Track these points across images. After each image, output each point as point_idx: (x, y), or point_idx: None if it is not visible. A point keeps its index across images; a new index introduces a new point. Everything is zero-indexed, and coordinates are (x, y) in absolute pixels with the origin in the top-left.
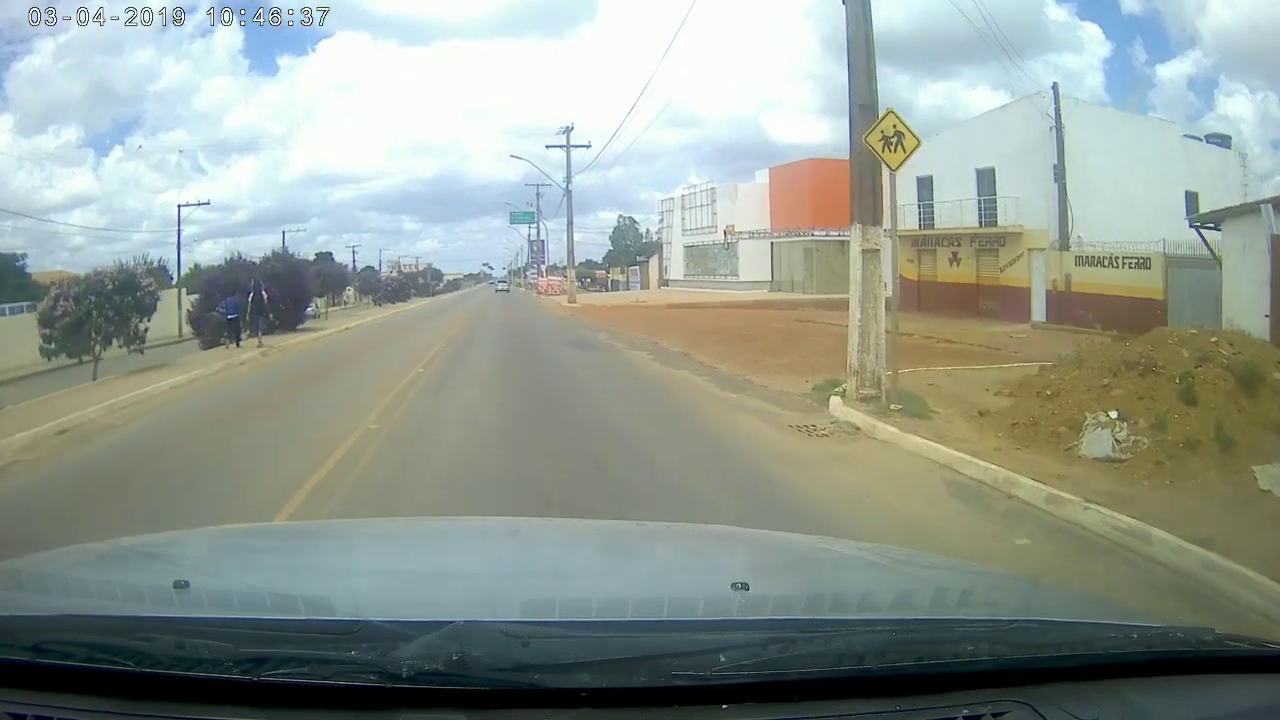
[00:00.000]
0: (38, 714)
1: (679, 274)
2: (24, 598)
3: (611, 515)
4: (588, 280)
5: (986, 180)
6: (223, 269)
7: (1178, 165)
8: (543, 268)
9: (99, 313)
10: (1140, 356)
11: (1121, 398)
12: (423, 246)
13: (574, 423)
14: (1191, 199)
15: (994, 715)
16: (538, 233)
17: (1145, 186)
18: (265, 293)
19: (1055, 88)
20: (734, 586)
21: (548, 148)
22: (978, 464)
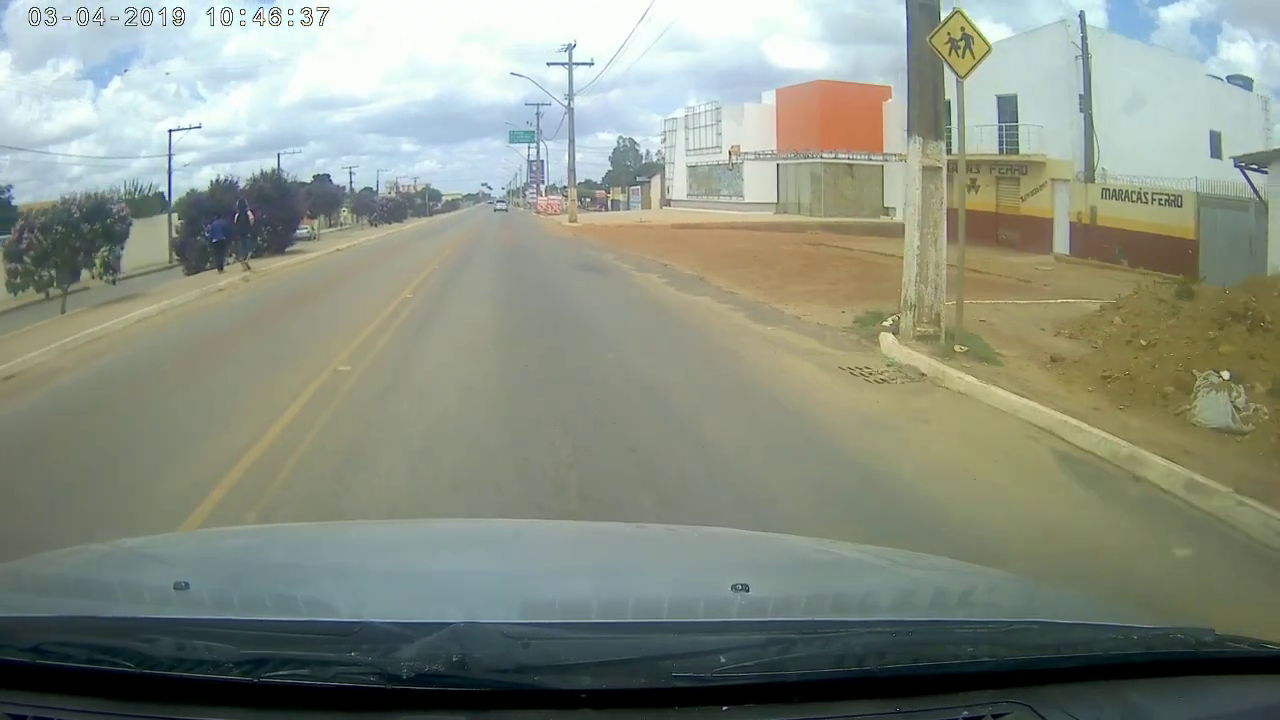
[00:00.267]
0: (37, 715)
1: (681, 194)
2: (24, 598)
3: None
4: (587, 200)
5: (1008, 107)
6: (209, 192)
7: (1202, 104)
8: (542, 187)
9: (66, 244)
10: (1245, 308)
11: (1231, 355)
12: (421, 168)
13: (590, 376)
14: (1216, 139)
15: (994, 716)
16: (537, 152)
17: (1169, 124)
18: (251, 214)
19: (1082, 16)
20: (734, 588)
21: (549, 65)
22: (1086, 430)
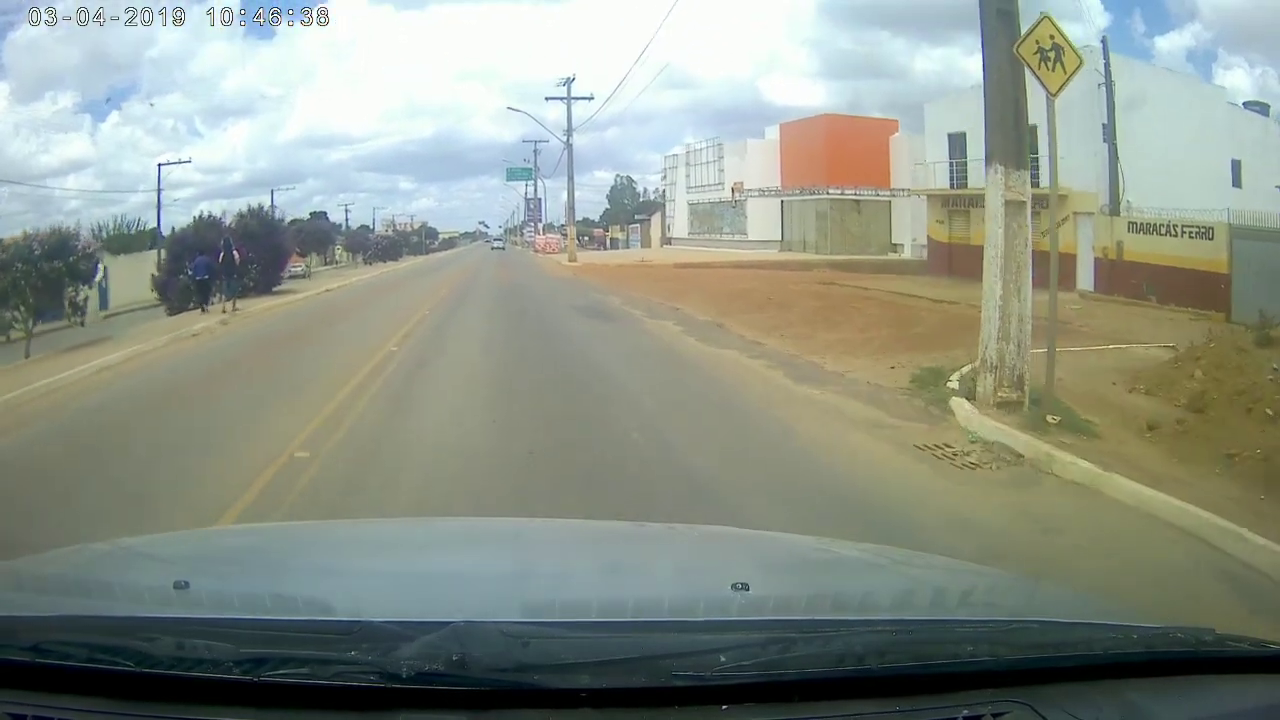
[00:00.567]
0: (38, 714)
1: (682, 232)
2: (24, 598)
3: None
4: (586, 239)
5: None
6: (193, 228)
7: (1223, 132)
8: (540, 226)
9: (27, 282)
10: None
11: None
12: (419, 205)
13: (618, 467)
14: (1236, 167)
15: (994, 715)
16: (535, 190)
17: (1192, 152)
18: (236, 252)
19: (1105, 42)
20: (734, 587)
21: (548, 100)
22: (1245, 537)
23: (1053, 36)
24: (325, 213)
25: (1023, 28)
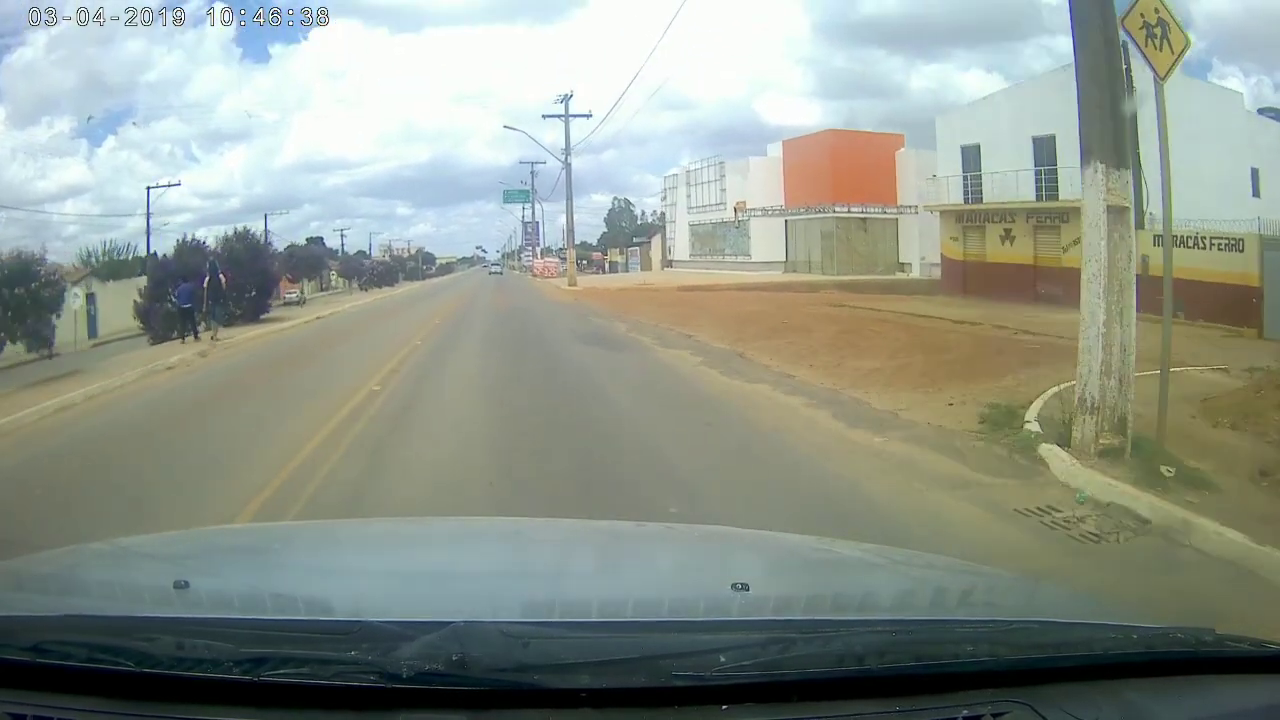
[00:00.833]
0: (37, 714)
1: (684, 254)
2: (24, 598)
3: None
4: (584, 262)
5: (1045, 149)
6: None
7: (1241, 139)
8: (538, 249)
9: None
10: None
11: None
12: (416, 231)
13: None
14: (1255, 176)
15: (994, 715)
16: (532, 213)
17: (1211, 161)
18: (223, 277)
19: (1125, 47)
20: (734, 587)
21: (545, 118)
22: None
23: (1158, 10)
24: (322, 238)
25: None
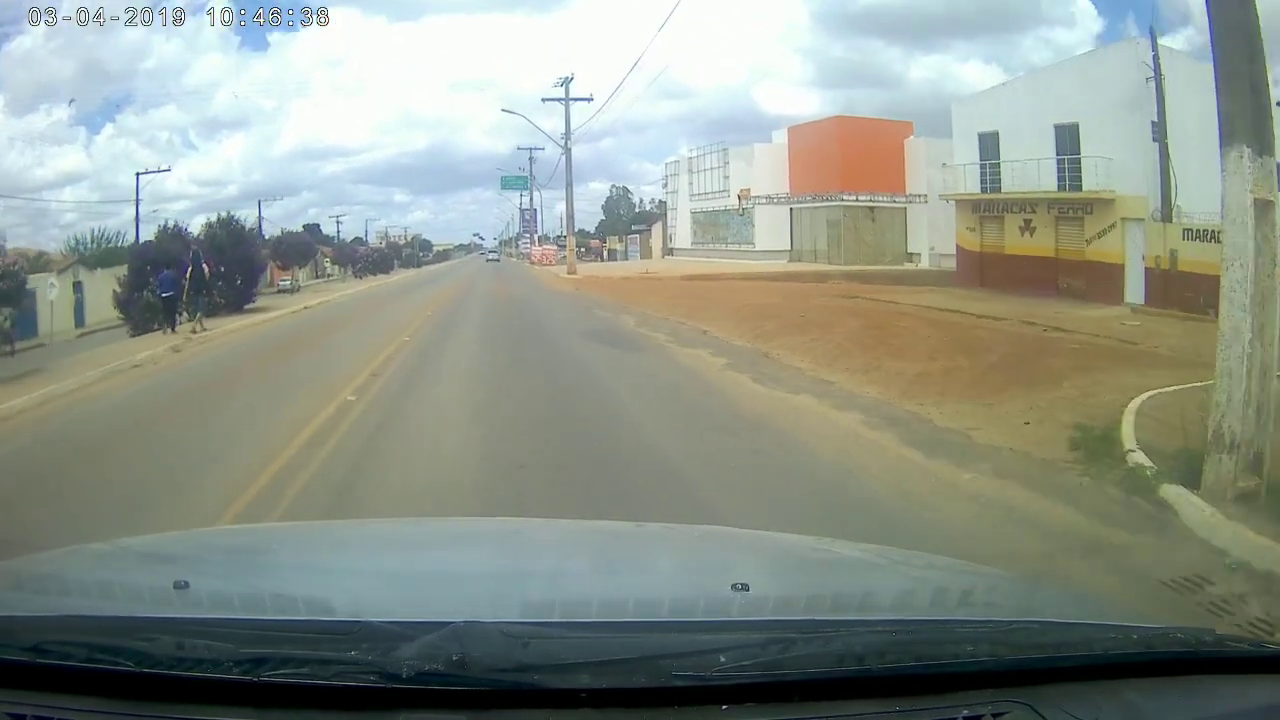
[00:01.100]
0: (37, 714)
1: (685, 242)
2: (24, 598)
3: None
4: (582, 250)
5: (1067, 138)
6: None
7: None
8: (535, 237)
9: None
10: None
11: None
12: (414, 218)
13: None
14: None
15: (994, 715)
16: (530, 200)
17: None
18: (206, 266)
19: (1153, 32)
20: (734, 587)
21: (545, 100)
22: None
23: None
24: (319, 225)
25: None
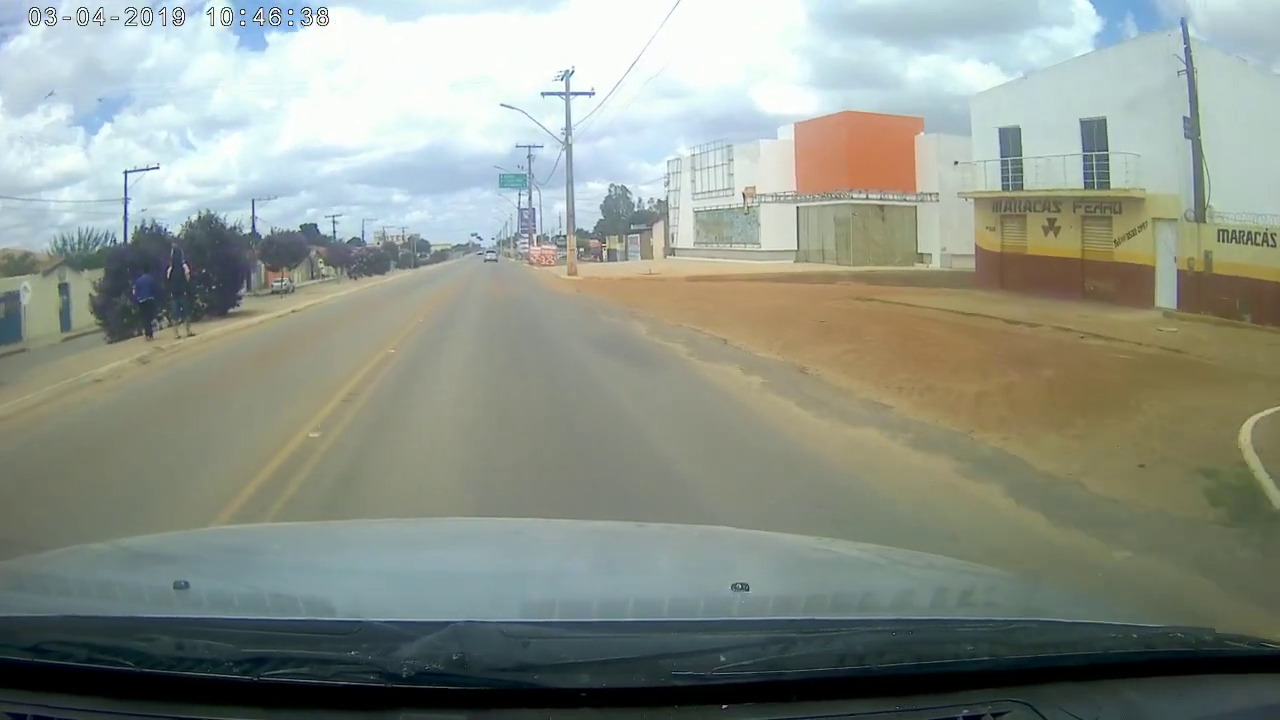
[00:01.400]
0: (37, 714)
1: (687, 242)
2: (24, 598)
3: None
4: (581, 250)
5: (1094, 133)
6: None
7: None
8: (534, 236)
9: None
10: None
11: None
12: (412, 218)
13: None
14: None
15: (994, 715)
16: (529, 199)
17: (1273, 153)
18: (187, 268)
19: (1184, 24)
20: (734, 587)
21: (545, 95)
22: None
23: None
24: (316, 225)
25: None
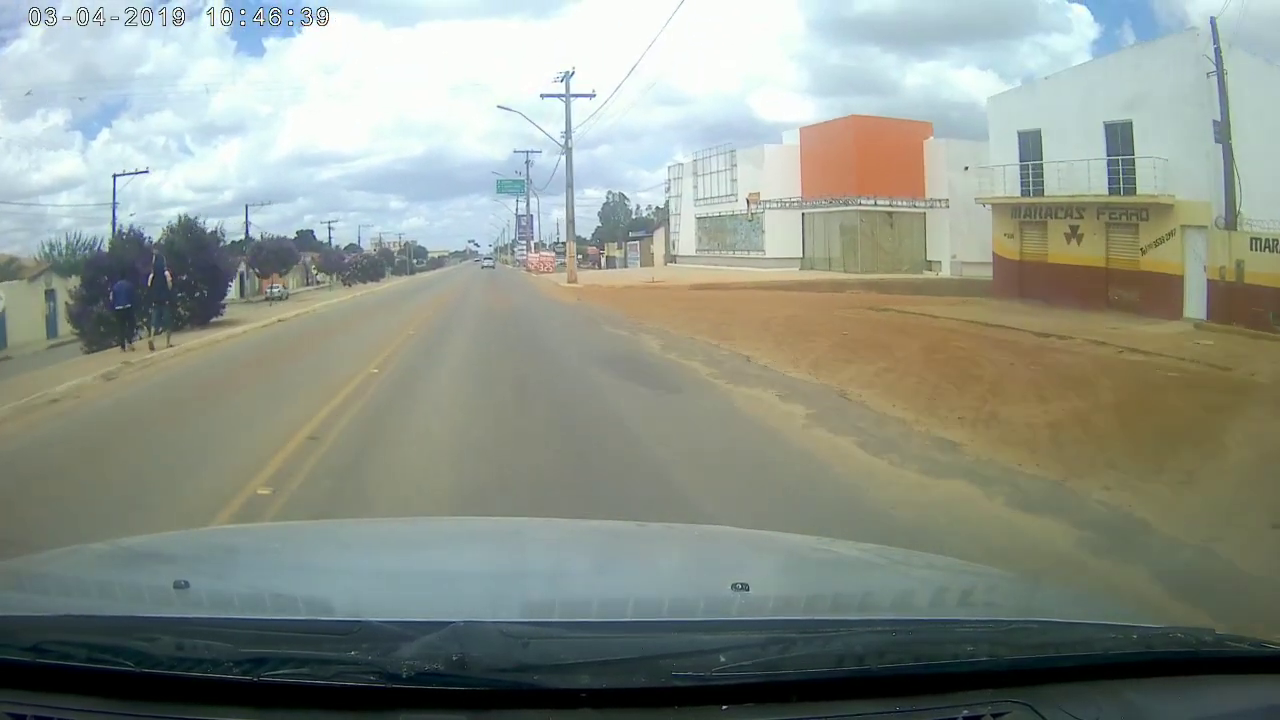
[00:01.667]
0: (37, 714)
1: (689, 249)
2: (24, 598)
3: None
4: (580, 257)
5: (1118, 137)
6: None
7: None
8: (532, 243)
9: None
10: None
11: None
12: (409, 224)
13: None
14: None
15: (994, 715)
16: (526, 205)
17: None
18: (168, 274)
19: (1214, 23)
20: (734, 587)
21: (544, 97)
22: None
23: None
24: (312, 231)
25: None
